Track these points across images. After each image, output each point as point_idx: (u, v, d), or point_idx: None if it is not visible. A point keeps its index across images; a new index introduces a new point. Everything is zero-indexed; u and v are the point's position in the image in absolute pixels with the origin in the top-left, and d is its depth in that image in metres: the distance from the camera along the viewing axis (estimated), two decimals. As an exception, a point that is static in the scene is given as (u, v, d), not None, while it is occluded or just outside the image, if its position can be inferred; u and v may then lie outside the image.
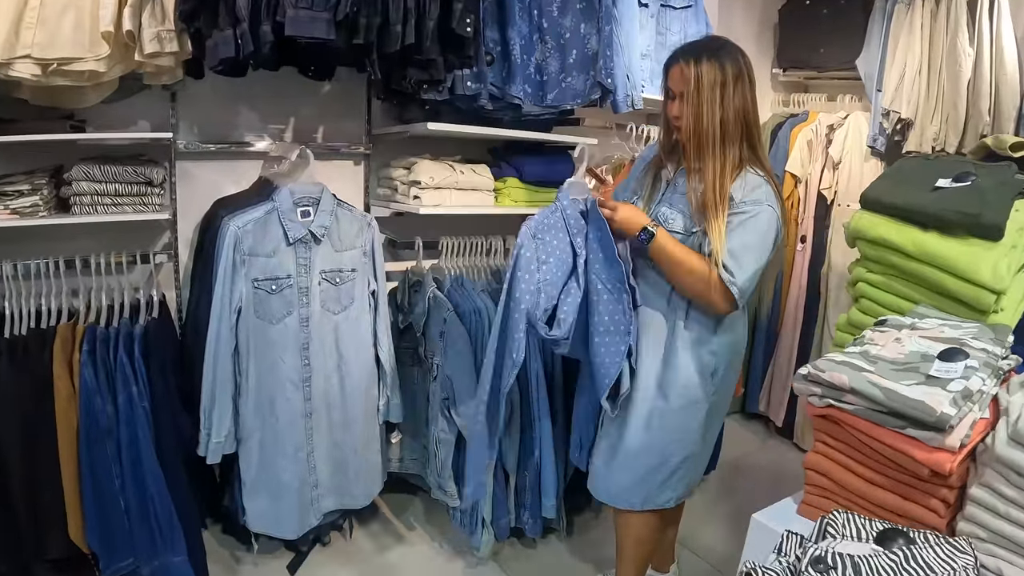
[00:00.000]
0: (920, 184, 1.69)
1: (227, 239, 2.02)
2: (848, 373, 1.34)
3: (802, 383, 1.41)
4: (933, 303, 1.63)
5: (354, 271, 2.21)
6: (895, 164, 1.76)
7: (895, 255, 1.66)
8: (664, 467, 1.85)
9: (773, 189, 1.72)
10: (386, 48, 2.02)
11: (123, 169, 2.08)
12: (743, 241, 1.66)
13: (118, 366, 1.96)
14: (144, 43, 1.98)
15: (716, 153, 1.69)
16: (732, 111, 1.69)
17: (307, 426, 2.20)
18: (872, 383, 1.31)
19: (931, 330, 1.45)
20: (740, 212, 1.67)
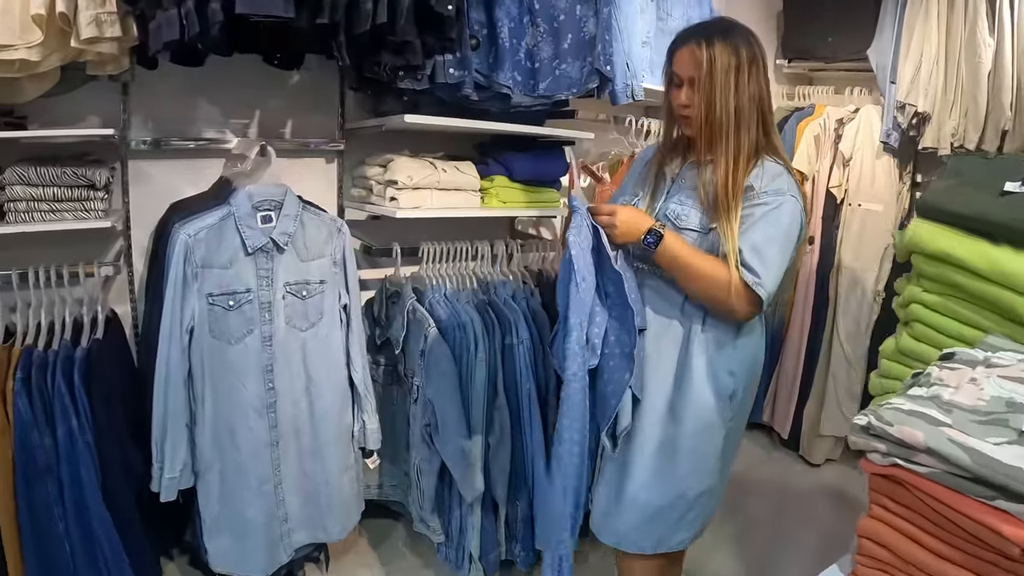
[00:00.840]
0: (985, 188, 1.38)
1: (176, 249, 1.70)
2: (923, 429, 1.03)
3: (862, 436, 1.10)
4: (1004, 331, 1.31)
5: (323, 283, 1.89)
6: (950, 164, 1.45)
7: (959, 273, 1.34)
8: (679, 503, 1.56)
9: (795, 179, 1.50)
10: (355, 28, 1.71)
11: (62, 171, 1.76)
12: (766, 235, 1.42)
13: (56, 394, 1.65)
14: (81, 27, 1.67)
15: (730, 144, 1.46)
16: (747, 97, 1.47)
17: (273, 456, 1.88)
18: (954, 442, 1.00)
19: (1011, 367, 1.15)
20: (761, 203, 1.44)
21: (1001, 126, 2.42)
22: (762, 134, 1.50)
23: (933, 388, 1.15)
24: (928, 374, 1.19)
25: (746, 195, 1.43)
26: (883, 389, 1.50)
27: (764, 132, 1.51)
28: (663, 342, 1.51)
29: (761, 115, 1.50)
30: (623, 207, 1.50)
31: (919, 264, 1.40)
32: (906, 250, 1.43)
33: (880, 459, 1.09)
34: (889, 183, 2.70)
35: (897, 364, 1.46)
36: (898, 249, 1.46)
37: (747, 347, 1.55)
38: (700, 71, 1.45)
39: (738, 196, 1.43)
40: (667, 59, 1.56)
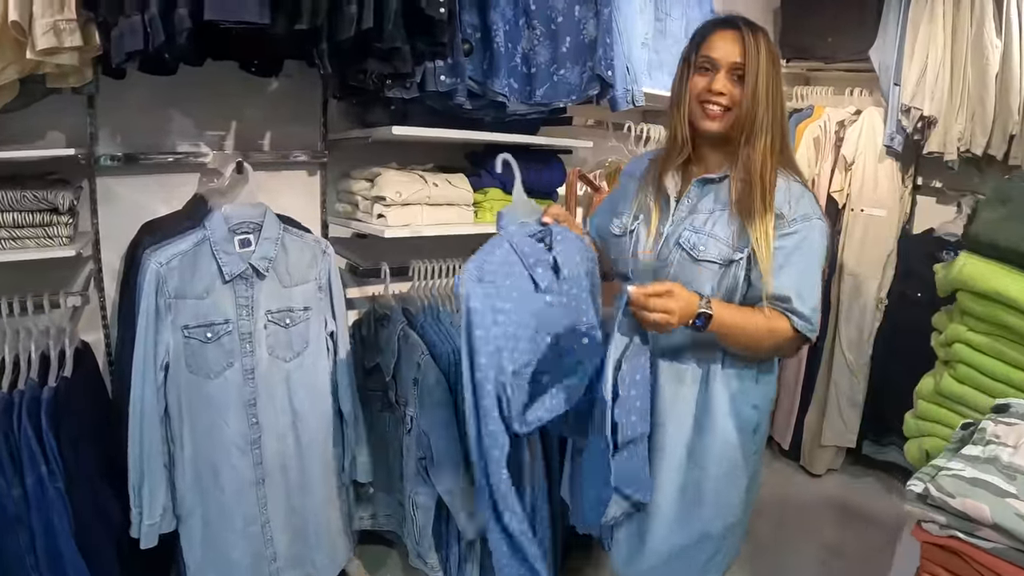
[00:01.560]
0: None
1: (147, 280, 1.52)
2: (989, 502, 0.88)
3: (920, 506, 0.95)
4: None
5: (307, 310, 1.71)
6: (995, 188, 1.29)
7: (1011, 314, 1.18)
8: (705, 544, 1.40)
9: (815, 195, 1.36)
10: (338, 34, 1.50)
11: (22, 195, 1.56)
12: (802, 271, 1.28)
13: (23, 441, 1.47)
14: (36, 37, 1.47)
15: (766, 144, 1.29)
16: (783, 97, 1.34)
17: (259, 495, 1.71)
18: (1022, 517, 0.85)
19: None
20: (792, 232, 1.28)
21: (1009, 130, 2.27)
22: (782, 146, 1.34)
23: (990, 447, 1.00)
24: (983, 429, 1.04)
25: (776, 222, 1.26)
26: (919, 431, 1.35)
27: (784, 142, 1.35)
28: (681, 387, 1.35)
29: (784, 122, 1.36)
30: (672, 292, 1.18)
31: (965, 302, 1.24)
32: (951, 287, 1.26)
33: (938, 530, 0.95)
34: (892, 188, 2.55)
35: (936, 406, 1.31)
36: (940, 283, 1.30)
37: (769, 378, 1.40)
38: (749, 58, 1.27)
39: (771, 207, 1.27)
40: (695, 43, 1.35)
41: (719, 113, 1.31)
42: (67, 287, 1.83)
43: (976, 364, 1.23)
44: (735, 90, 1.30)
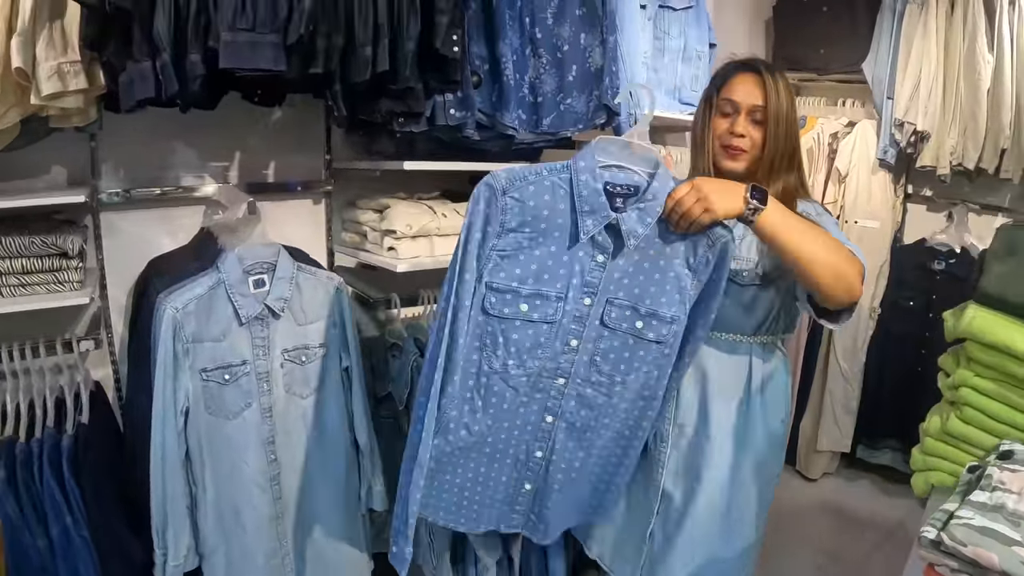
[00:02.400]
0: None
1: (164, 326, 1.52)
2: (998, 551, 0.97)
3: (931, 552, 1.02)
4: None
5: (322, 346, 1.74)
6: (1003, 238, 1.36)
7: (1018, 364, 1.26)
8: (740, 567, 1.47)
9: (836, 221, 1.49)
10: (353, 77, 1.52)
11: (30, 240, 1.56)
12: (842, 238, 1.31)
13: (46, 492, 1.51)
14: (41, 82, 1.47)
15: (790, 186, 1.39)
16: (799, 134, 1.45)
17: (279, 529, 1.75)
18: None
19: None
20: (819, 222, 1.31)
21: (1000, 145, 2.36)
22: (798, 177, 1.43)
23: (996, 494, 1.08)
24: (989, 475, 1.12)
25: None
26: (926, 466, 1.44)
27: (800, 177, 1.44)
28: (722, 416, 1.41)
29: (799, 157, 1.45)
30: (694, 181, 1.19)
31: (974, 351, 1.32)
32: (959, 335, 1.34)
33: (949, 574, 1.03)
34: (885, 199, 2.64)
35: (942, 444, 1.40)
36: (948, 331, 1.37)
37: (788, 390, 1.50)
38: (769, 101, 1.35)
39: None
40: (715, 85, 1.43)
41: (741, 154, 1.39)
42: (73, 324, 1.84)
43: (982, 407, 1.32)
44: (755, 132, 1.39)
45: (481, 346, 1.27)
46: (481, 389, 1.30)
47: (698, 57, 2.34)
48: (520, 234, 1.23)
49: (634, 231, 1.19)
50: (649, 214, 1.18)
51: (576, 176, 1.20)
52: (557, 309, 1.24)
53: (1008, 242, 1.34)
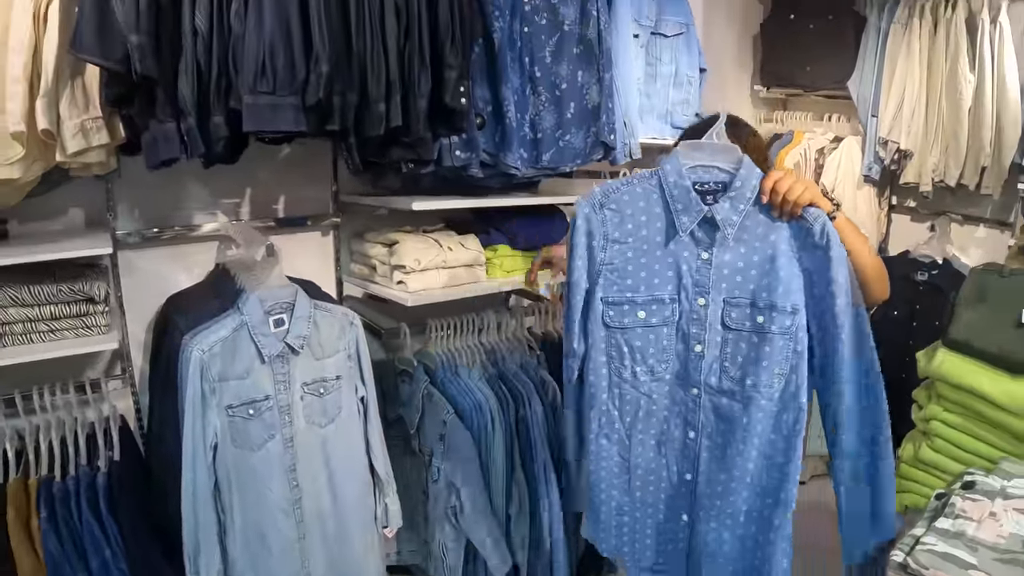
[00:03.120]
0: (1006, 316, 1.46)
1: (192, 367, 1.65)
2: (954, 573, 1.12)
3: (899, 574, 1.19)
4: (1017, 452, 1.43)
5: (339, 378, 1.87)
6: (974, 283, 1.51)
7: (982, 403, 1.44)
8: None
9: None
10: (367, 132, 1.64)
11: (58, 288, 1.68)
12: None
13: (85, 529, 1.64)
14: (66, 140, 1.57)
15: None
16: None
17: (301, 549, 1.89)
18: (982, 587, 1.10)
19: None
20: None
21: (981, 162, 2.50)
22: None
23: (958, 521, 1.26)
24: (952, 504, 1.28)
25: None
26: (900, 488, 1.61)
27: None
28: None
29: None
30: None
31: (943, 389, 1.50)
32: (930, 375, 1.51)
33: (914, 593, 1.20)
34: (870, 212, 2.79)
35: (915, 469, 1.57)
36: (920, 369, 1.54)
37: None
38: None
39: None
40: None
41: None
42: (96, 359, 1.96)
43: (950, 438, 1.49)
44: None
45: (608, 359, 1.37)
46: (616, 400, 1.39)
47: (688, 82, 2.47)
48: (624, 245, 1.34)
49: (729, 219, 1.27)
50: (741, 201, 1.26)
51: (665, 179, 1.30)
52: (673, 311, 1.33)
53: (978, 287, 1.50)
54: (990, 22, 2.47)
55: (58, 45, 1.49)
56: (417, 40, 1.61)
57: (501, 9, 1.88)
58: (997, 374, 1.46)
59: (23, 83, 1.50)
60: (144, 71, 1.42)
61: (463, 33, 1.67)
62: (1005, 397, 1.43)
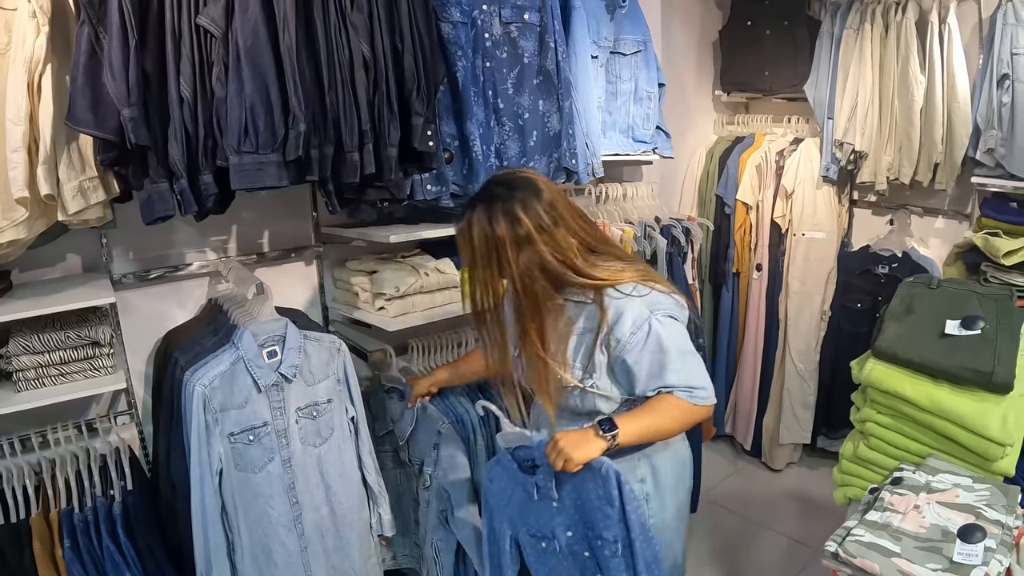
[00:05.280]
0: (930, 328, 1.72)
1: (195, 402, 1.87)
2: (879, 561, 1.37)
3: (832, 562, 1.43)
4: (942, 447, 1.69)
5: (330, 401, 2.09)
6: (902, 297, 1.76)
7: (907, 406, 1.69)
8: None
9: (646, 292, 1.55)
10: (344, 179, 1.85)
11: (65, 335, 1.89)
12: (661, 362, 1.52)
13: (106, 554, 1.85)
14: (67, 202, 1.76)
15: (531, 331, 1.59)
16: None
17: (304, 561, 2.12)
18: (901, 572, 1.34)
19: (947, 492, 1.49)
20: (631, 349, 1.53)
21: (933, 159, 2.73)
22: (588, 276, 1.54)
23: (886, 514, 1.49)
24: (882, 498, 1.52)
25: (616, 348, 1.53)
26: (843, 482, 1.86)
27: (588, 273, 1.54)
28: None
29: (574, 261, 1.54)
30: (555, 437, 1.51)
31: (874, 394, 1.75)
32: (862, 381, 1.76)
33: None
34: (830, 211, 3.03)
35: (855, 465, 1.82)
36: (854, 376, 1.78)
37: (663, 454, 1.71)
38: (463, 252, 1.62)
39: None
40: None
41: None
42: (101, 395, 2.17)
43: (883, 437, 1.74)
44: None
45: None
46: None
47: (648, 97, 2.68)
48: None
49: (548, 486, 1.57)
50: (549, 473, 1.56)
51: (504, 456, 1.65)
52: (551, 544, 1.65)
53: (906, 300, 1.75)
54: (939, 23, 2.69)
55: (53, 113, 1.67)
56: (385, 92, 1.82)
57: (463, 48, 2.09)
58: (919, 380, 1.70)
59: (22, 152, 1.67)
60: (138, 141, 1.61)
61: (428, 80, 1.88)
62: (927, 401, 1.67)
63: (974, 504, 1.48)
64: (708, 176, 3.28)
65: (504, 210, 1.50)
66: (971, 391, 1.64)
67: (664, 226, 2.66)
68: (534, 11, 2.19)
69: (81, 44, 1.60)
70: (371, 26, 1.79)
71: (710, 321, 3.38)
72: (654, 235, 2.58)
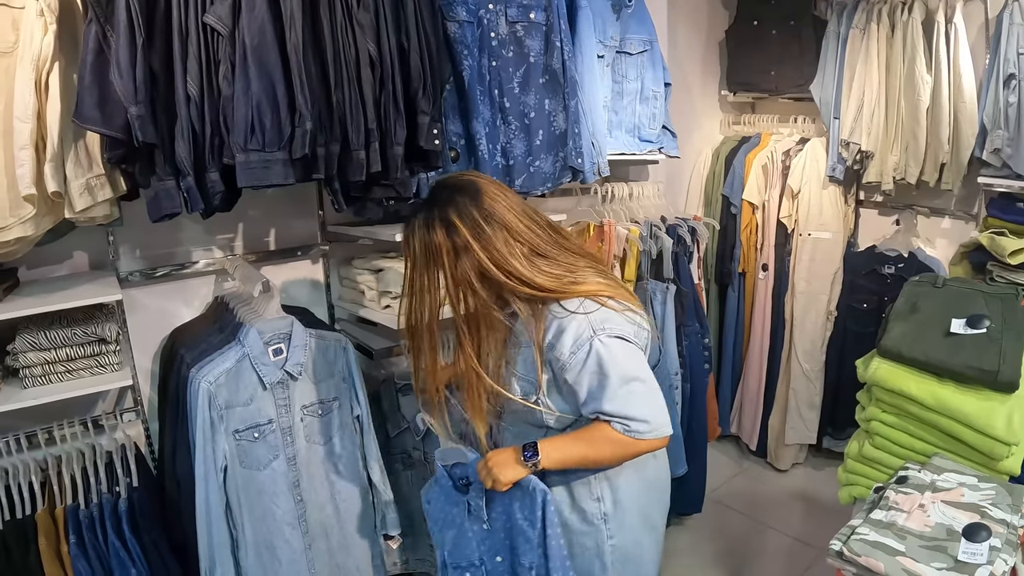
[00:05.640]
0: (935, 327, 1.72)
1: (200, 399, 1.88)
2: (884, 560, 1.37)
3: (837, 561, 1.43)
4: (947, 446, 1.69)
5: (336, 399, 2.11)
6: (907, 295, 1.75)
7: (913, 405, 1.69)
8: None
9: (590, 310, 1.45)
10: (350, 177, 1.86)
11: (72, 332, 1.90)
12: (601, 384, 1.42)
13: (111, 551, 1.88)
14: (74, 199, 1.78)
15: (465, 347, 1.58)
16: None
17: (308, 558, 2.14)
18: (906, 571, 1.34)
19: (952, 491, 1.49)
20: (570, 369, 1.45)
21: (940, 160, 2.73)
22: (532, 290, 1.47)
23: (890, 513, 1.49)
24: (887, 497, 1.52)
25: (557, 366, 1.47)
26: (848, 482, 1.86)
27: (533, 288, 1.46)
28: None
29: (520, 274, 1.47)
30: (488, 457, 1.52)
31: (879, 393, 1.75)
32: (867, 380, 1.76)
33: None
34: (836, 212, 3.02)
35: (860, 464, 1.82)
36: (859, 375, 1.79)
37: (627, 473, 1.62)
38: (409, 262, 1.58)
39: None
40: None
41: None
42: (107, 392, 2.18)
43: (888, 436, 1.74)
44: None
45: None
46: None
47: (654, 97, 2.68)
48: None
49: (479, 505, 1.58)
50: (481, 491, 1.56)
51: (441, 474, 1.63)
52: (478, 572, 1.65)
53: (910, 299, 1.75)
54: (946, 22, 2.69)
55: (60, 111, 1.68)
56: (391, 90, 1.83)
57: (469, 47, 2.10)
58: (924, 379, 1.70)
59: (30, 149, 1.68)
60: (145, 139, 1.62)
61: (433, 79, 1.89)
62: (932, 399, 1.67)
63: (979, 503, 1.48)
64: (714, 176, 3.28)
65: (440, 216, 1.46)
66: (976, 390, 1.64)
67: (670, 226, 2.66)
68: (540, 10, 2.20)
69: (88, 42, 1.61)
70: (377, 25, 1.80)
71: (716, 321, 3.38)
72: (660, 235, 2.58)
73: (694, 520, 2.94)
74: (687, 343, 2.70)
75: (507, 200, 1.49)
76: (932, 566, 1.35)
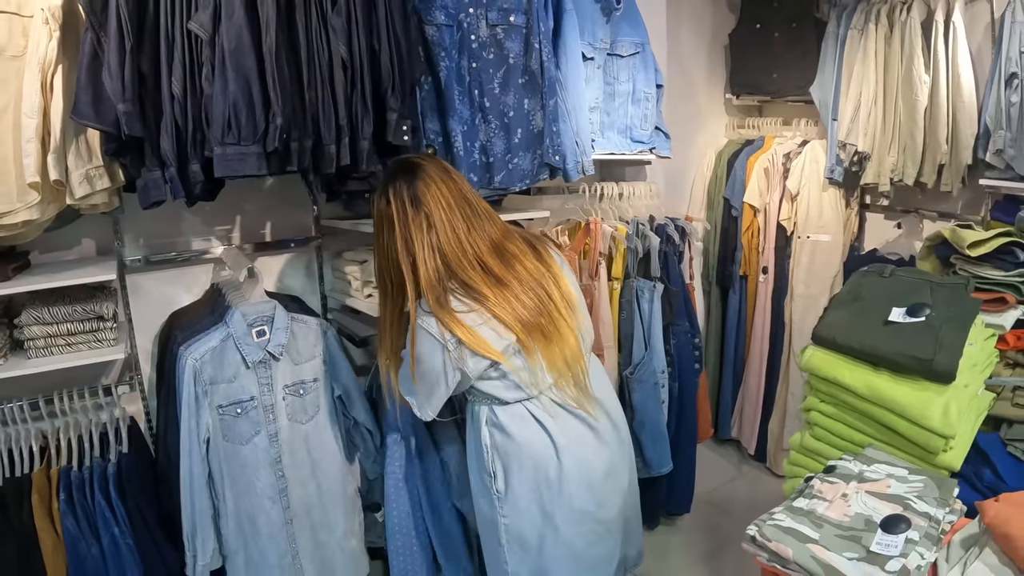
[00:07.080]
0: (874, 315, 1.73)
1: (186, 374, 2.05)
2: (793, 546, 1.40)
3: (750, 546, 1.47)
4: (885, 439, 1.70)
5: (316, 380, 2.25)
6: (851, 285, 1.77)
7: (847, 394, 1.71)
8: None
9: (428, 323, 1.67)
10: (322, 169, 2.00)
11: (73, 309, 2.09)
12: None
13: (97, 509, 2.04)
14: (74, 187, 1.95)
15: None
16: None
17: (289, 533, 2.28)
18: (815, 558, 1.38)
19: (879, 482, 1.51)
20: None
21: (938, 161, 2.71)
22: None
23: (812, 501, 1.52)
24: (811, 486, 1.55)
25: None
26: (792, 474, 1.89)
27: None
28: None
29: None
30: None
31: (815, 382, 1.77)
32: (804, 370, 1.79)
33: (764, 561, 1.48)
34: (836, 214, 3.02)
35: (802, 456, 1.84)
36: (799, 365, 1.81)
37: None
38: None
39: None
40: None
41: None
42: (110, 369, 2.37)
43: (827, 427, 1.76)
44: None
45: None
46: None
47: (646, 98, 2.75)
48: None
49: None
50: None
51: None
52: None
53: (855, 289, 1.77)
54: (944, 22, 2.68)
55: (63, 109, 1.88)
56: (361, 89, 1.97)
57: (447, 49, 2.22)
58: (858, 367, 1.70)
59: (36, 142, 1.88)
60: (132, 133, 1.80)
61: (403, 79, 2.02)
62: (866, 389, 1.67)
63: (904, 495, 1.48)
64: (717, 179, 3.31)
65: (381, 190, 1.73)
66: (912, 380, 1.64)
67: (658, 225, 2.71)
68: (520, 13, 2.31)
69: (85, 47, 1.79)
70: (349, 29, 1.94)
71: (718, 324, 3.40)
72: (647, 233, 2.64)
73: (685, 520, 2.97)
74: (676, 342, 2.74)
75: (443, 189, 1.65)
76: (843, 555, 1.37)
